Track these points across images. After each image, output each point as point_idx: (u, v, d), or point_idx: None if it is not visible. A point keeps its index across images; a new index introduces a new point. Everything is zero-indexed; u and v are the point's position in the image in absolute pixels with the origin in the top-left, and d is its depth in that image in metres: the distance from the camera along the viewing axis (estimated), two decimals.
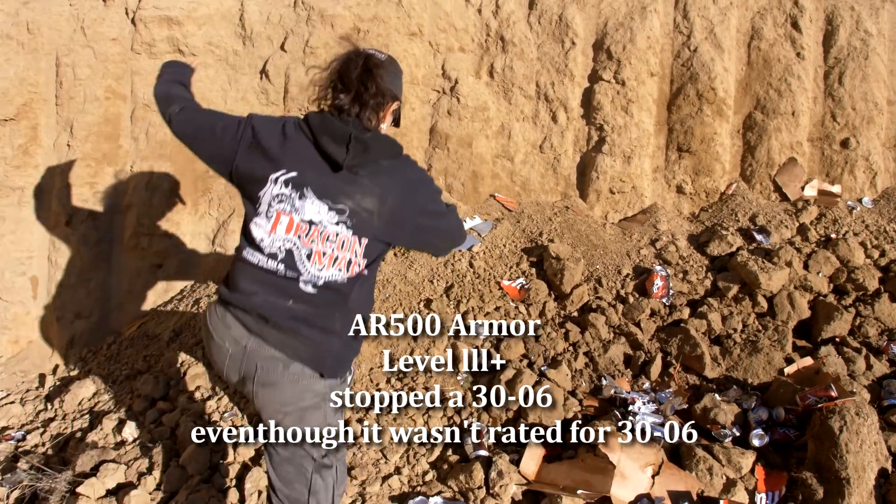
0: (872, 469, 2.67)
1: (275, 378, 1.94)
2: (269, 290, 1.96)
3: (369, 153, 1.97)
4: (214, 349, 2.04)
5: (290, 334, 1.94)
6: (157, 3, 3.87)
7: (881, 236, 4.22)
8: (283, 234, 1.95)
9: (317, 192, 1.95)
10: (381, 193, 1.98)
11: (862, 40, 4.64)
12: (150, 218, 3.86)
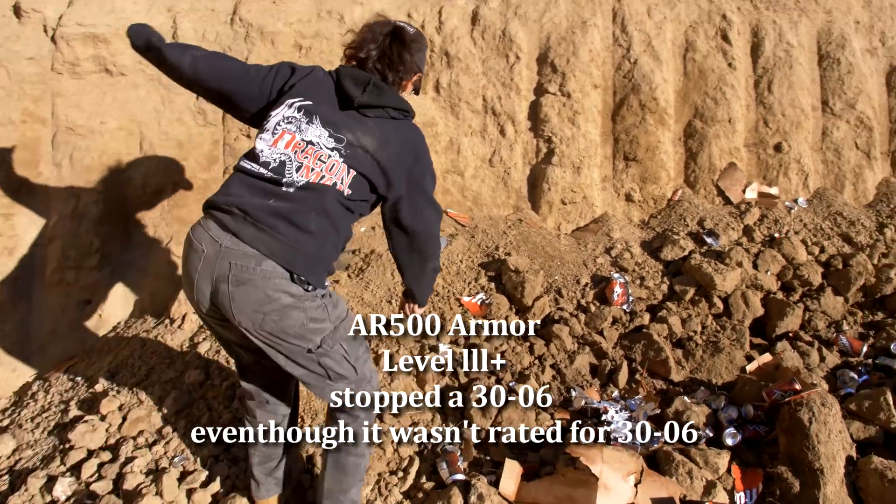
0: (841, 457, 2.76)
1: (248, 276, 1.95)
2: (252, 191, 2.05)
3: (382, 98, 2.14)
4: (191, 257, 2.04)
5: (265, 230, 1.98)
6: (79, 19, 3.68)
7: (819, 233, 4.46)
8: (282, 148, 2.08)
9: (323, 119, 2.11)
10: (382, 138, 2.13)
11: (785, 51, 4.93)
12: (76, 250, 3.60)
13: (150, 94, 3.81)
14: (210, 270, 1.98)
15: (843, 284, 4.01)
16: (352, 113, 2.13)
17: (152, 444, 2.75)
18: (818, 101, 5.05)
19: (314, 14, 4.12)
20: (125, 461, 2.63)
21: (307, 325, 2.03)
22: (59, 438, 2.85)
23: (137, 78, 3.78)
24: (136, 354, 3.29)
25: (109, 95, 3.71)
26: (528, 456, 2.89)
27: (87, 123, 3.65)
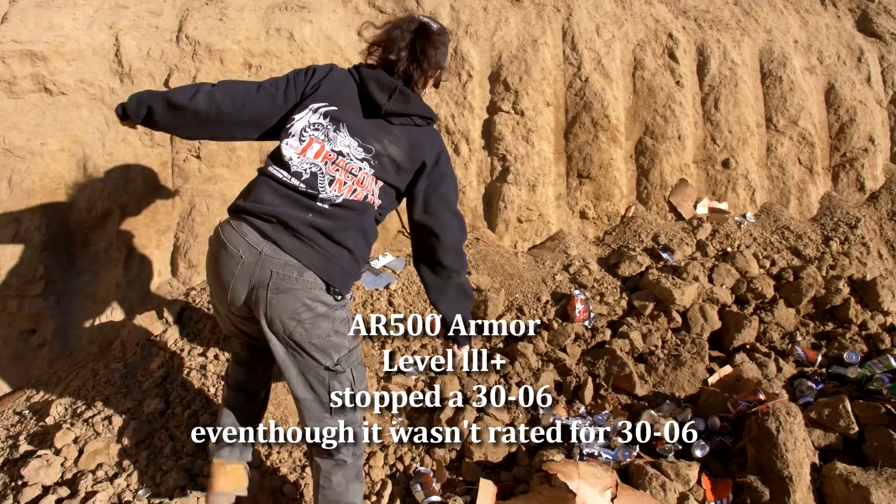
0: (806, 465, 2.89)
1: (289, 285, 2.07)
2: (288, 203, 2.14)
3: (409, 107, 2.25)
4: (225, 261, 2.12)
5: (306, 243, 2.10)
6: (16, 36, 3.57)
7: (768, 247, 4.66)
8: (312, 157, 2.17)
9: (351, 128, 2.20)
10: (409, 146, 2.25)
11: (730, 69, 5.16)
12: (18, 277, 3.47)
13: (92, 114, 3.72)
14: (248, 276, 2.09)
15: (794, 296, 4.20)
16: (378, 121, 2.24)
17: (113, 478, 2.67)
18: (762, 118, 5.29)
19: (263, 32, 4.11)
20: (86, 496, 2.55)
21: (331, 336, 2.15)
22: (10, 475, 2.72)
23: (79, 97, 3.69)
24: (89, 385, 3.19)
25: (49, 115, 3.61)
26: (501, 475, 2.93)
27: (26, 145, 3.53)
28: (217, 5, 4.08)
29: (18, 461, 2.79)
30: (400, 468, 2.95)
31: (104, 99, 3.75)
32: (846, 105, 5.47)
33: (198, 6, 4.06)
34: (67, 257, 3.64)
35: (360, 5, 4.54)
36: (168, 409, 3.02)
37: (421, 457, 3.02)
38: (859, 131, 5.41)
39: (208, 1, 4.11)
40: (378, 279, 3.88)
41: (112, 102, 3.74)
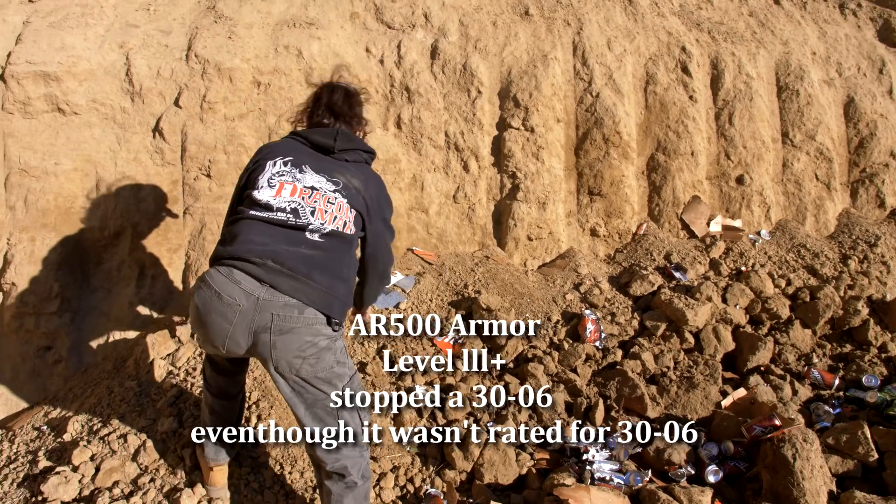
0: (823, 493, 2.92)
1: (292, 324, 2.20)
2: (279, 240, 2.29)
3: (354, 143, 2.55)
4: (220, 309, 2.21)
5: (302, 280, 2.24)
6: (29, 57, 3.72)
7: (784, 266, 4.70)
8: (289, 196, 2.36)
9: (313, 168, 2.43)
10: (364, 179, 2.52)
11: (745, 83, 5.23)
12: (35, 295, 3.62)
13: (104, 134, 3.86)
14: (247, 322, 2.21)
15: (811, 317, 4.24)
16: (332, 160, 2.50)
17: (129, 496, 2.77)
18: (778, 133, 5.35)
19: (272, 49, 4.24)
20: None
21: (335, 368, 2.30)
22: (31, 490, 2.85)
23: (91, 117, 3.83)
24: (104, 402, 3.31)
25: (63, 135, 3.75)
26: (512, 497, 2.99)
27: (40, 164, 3.68)
28: (226, 23, 4.21)
29: (38, 477, 2.92)
30: (411, 490, 3.03)
31: (115, 118, 3.89)
32: (866, 119, 5.51)
33: (207, 24, 4.20)
34: (82, 275, 3.78)
35: (369, 21, 4.65)
36: (181, 427, 3.13)
37: (431, 479, 3.09)
38: (880, 146, 5.44)
39: (217, 19, 4.24)
40: (388, 298, 3.97)
41: (123, 122, 3.90)
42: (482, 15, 4.91)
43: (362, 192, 2.47)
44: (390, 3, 4.72)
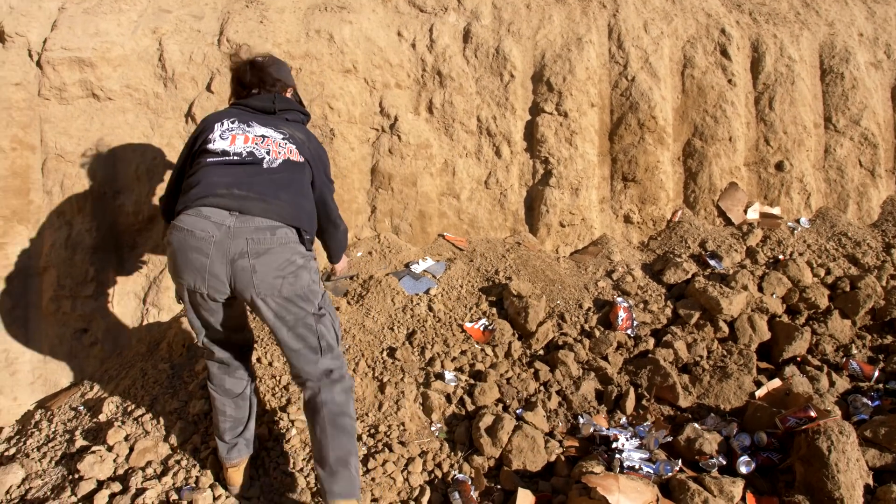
0: (859, 486, 2.87)
1: (266, 246, 2.37)
2: (239, 173, 2.51)
3: (290, 104, 2.87)
4: (195, 244, 2.36)
5: (270, 200, 2.45)
6: (65, 43, 3.79)
7: (823, 255, 4.62)
8: (242, 143, 2.60)
9: (260, 123, 2.70)
10: (306, 134, 2.81)
11: (787, 66, 5.12)
12: (71, 278, 3.72)
13: (138, 119, 3.92)
14: (223, 252, 2.35)
15: (850, 307, 4.17)
16: (274, 118, 2.78)
17: (161, 475, 2.86)
18: (821, 118, 5.24)
19: (303, 34, 4.26)
20: (136, 493, 2.75)
21: (312, 285, 2.50)
22: (68, 468, 2.97)
23: (125, 102, 3.89)
24: (139, 384, 3.41)
25: (98, 121, 3.83)
26: (540, 484, 3.00)
27: (76, 150, 3.76)
28: (257, 7, 4.24)
29: (75, 455, 3.04)
30: (438, 475, 3.05)
31: (149, 103, 3.95)
32: None
33: (238, 8, 4.23)
34: (117, 259, 3.87)
35: (401, 4, 4.65)
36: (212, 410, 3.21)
37: (459, 464, 3.12)
38: None
39: (249, 3, 4.27)
40: (418, 283, 4.00)
41: (156, 107, 3.95)
42: None
43: (306, 143, 2.76)
44: None
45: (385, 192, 4.39)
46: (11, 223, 3.68)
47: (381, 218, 4.40)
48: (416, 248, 4.39)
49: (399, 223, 4.43)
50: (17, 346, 3.70)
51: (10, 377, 3.66)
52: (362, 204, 4.38)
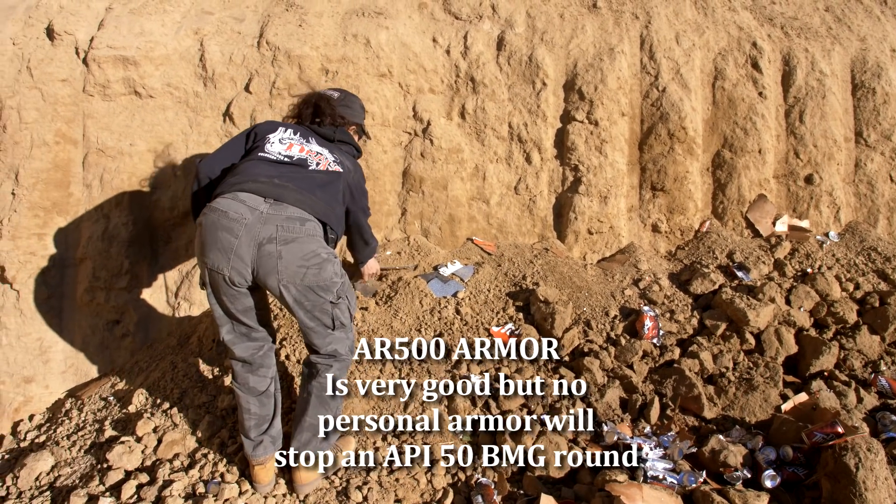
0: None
1: (295, 234, 2.49)
2: (283, 169, 2.71)
3: (348, 138, 3.16)
4: (226, 224, 2.46)
5: (306, 194, 2.61)
6: (110, 42, 3.86)
7: (852, 269, 4.56)
8: (297, 152, 2.84)
9: (318, 141, 2.99)
10: (354, 166, 3.06)
11: (818, 80, 5.07)
12: (106, 270, 3.77)
13: (177, 117, 3.98)
14: (253, 235, 2.45)
15: (879, 323, 4.10)
16: (330, 145, 3.03)
17: (188, 468, 2.88)
18: (851, 132, 5.18)
19: (340, 38, 4.30)
20: (163, 484, 2.77)
21: (334, 278, 2.62)
22: (97, 458, 3.00)
23: (165, 100, 3.95)
24: (168, 377, 3.44)
25: (138, 117, 3.89)
26: (563, 491, 2.98)
27: (116, 145, 3.82)
28: (297, 11, 4.29)
29: (104, 445, 3.07)
30: (462, 478, 3.04)
31: (188, 102, 4.00)
32: None
33: (278, 12, 4.28)
34: (151, 253, 3.92)
35: (436, 11, 4.67)
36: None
37: (483, 468, 3.12)
38: None
39: (288, 7, 4.31)
40: (446, 287, 4.01)
41: (195, 105, 4.00)
42: (549, 7, 4.88)
43: (352, 172, 2.99)
44: None
45: (416, 194, 4.41)
46: (51, 214, 3.75)
47: (411, 220, 4.41)
48: (444, 251, 4.40)
49: (429, 226, 4.44)
50: (51, 335, 3.76)
51: (42, 365, 3.72)
52: (393, 206, 4.40)
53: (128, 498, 2.76)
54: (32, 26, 3.85)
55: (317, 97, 3.18)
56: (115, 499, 2.74)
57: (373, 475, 2.93)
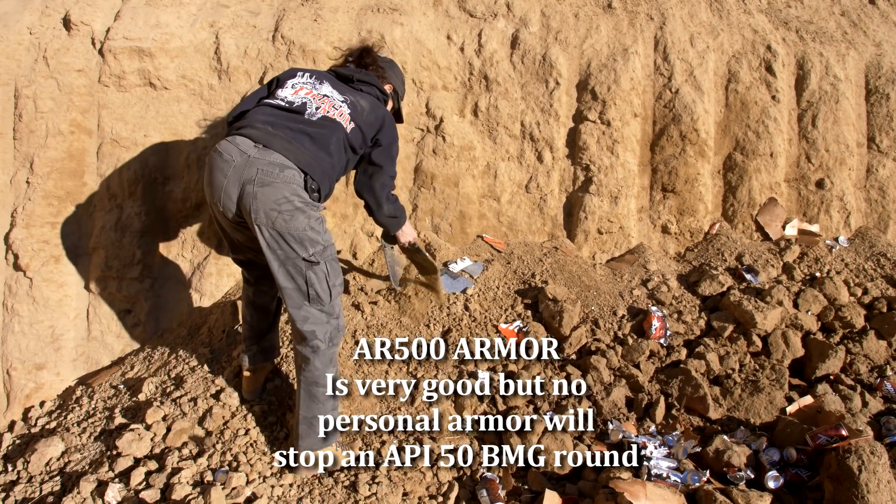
0: None
1: (271, 179, 2.58)
2: (279, 117, 2.78)
3: (371, 79, 3.12)
4: (219, 165, 2.64)
5: (294, 142, 2.68)
6: (126, 33, 3.89)
7: (861, 274, 4.55)
8: (304, 95, 2.88)
9: (331, 84, 2.98)
10: (373, 105, 3.03)
11: (832, 85, 5.05)
12: (119, 260, 3.81)
13: (192, 109, 4.01)
14: (238, 175, 2.60)
15: (887, 328, 4.09)
16: (350, 86, 3.04)
17: (196, 457, 2.91)
18: (864, 138, 5.16)
19: (355, 33, 4.31)
20: (172, 471, 2.80)
21: (308, 231, 2.62)
22: (106, 444, 3.03)
23: (180, 92, 3.98)
24: (178, 367, 3.47)
25: (153, 109, 3.92)
26: (567, 487, 3.01)
27: (130, 136, 3.85)
28: (312, 6, 4.31)
29: (113, 432, 3.10)
30: (467, 472, 3.07)
31: (202, 94, 4.03)
32: None
33: (294, 6, 4.30)
34: (163, 244, 3.97)
35: (451, 8, 4.68)
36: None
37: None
38: None
39: (304, 1, 4.33)
40: (455, 283, 4.02)
41: (210, 98, 4.03)
42: (564, 6, 4.88)
43: (366, 111, 2.96)
44: None
45: (427, 191, 4.42)
46: (65, 203, 3.79)
47: (421, 216, 4.43)
48: (454, 247, 4.41)
49: (439, 222, 4.45)
50: (62, 322, 3.80)
51: (54, 353, 3.76)
52: (404, 202, 4.41)
53: (137, 484, 2.79)
54: (49, 16, 3.88)
55: (363, 48, 3.25)
56: (123, 485, 2.77)
57: (381, 469, 2.95)
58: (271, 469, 2.93)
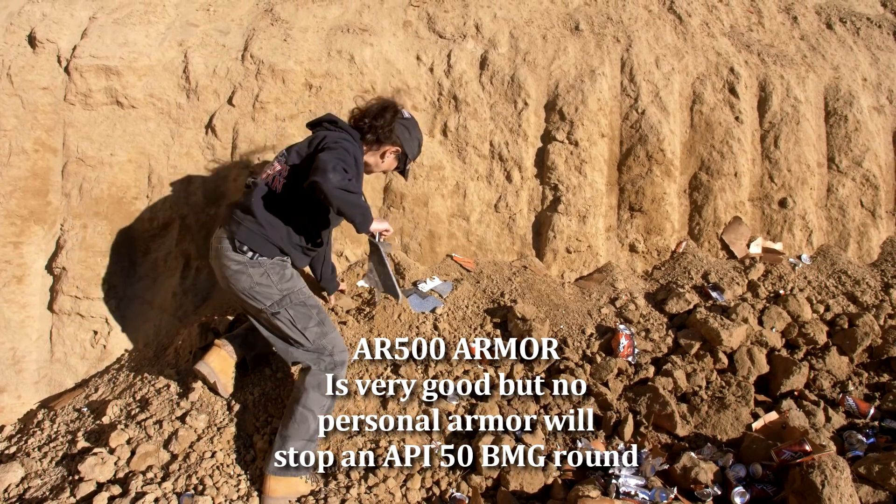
0: None
1: (215, 254, 3.02)
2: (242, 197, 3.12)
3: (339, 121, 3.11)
4: None
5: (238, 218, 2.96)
6: (94, 51, 3.86)
7: (823, 291, 4.64)
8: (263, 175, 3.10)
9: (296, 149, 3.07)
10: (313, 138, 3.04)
11: (793, 106, 5.18)
12: (84, 280, 3.75)
13: (159, 128, 3.98)
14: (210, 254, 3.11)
15: (848, 344, 4.18)
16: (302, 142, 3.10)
17: (162, 480, 2.86)
18: (824, 158, 5.28)
19: (324, 53, 4.32)
20: (136, 496, 2.74)
21: (254, 287, 2.92)
22: (68, 469, 2.96)
23: (148, 111, 3.95)
24: (143, 389, 3.40)
25: (120, 127, 3.88)
26: None
27: (97, 155, 3.81)
28: (282, 26, 4.31)
29: (76, 456, 3.03)
30: (436, 492, 3.06)
31: (171, 113, 4.00)
32: None
33: (263, 26, 4.30)
34: (129, 264, 3.91)
35: (421, 29, 4.72)
36: (214, 423, 3.22)
37: (458, 482, 3.12)
38: None
39: (274, 21, 4.34)
40: (424, 302, 4.02)
41: (178, 117, 4.01)
42: (533, 28, 4.95)
43: (303, 143, 3.06)
44: (443, 13, 4.79)
45: (397, 210, 4.42)
46: (28, 223, 3.73)
47: (391, 237, 4.42)
48: (424, 266, 4.42)
49: (409, 242, 4.46)
50: (24, 344, 3.73)
51: (15, 375, 3.68)
52: None
53: None
54: (14, 33, 3.84)
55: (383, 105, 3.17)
56: None
57: (352, 491, 2.93)
58: (238, 492, 2.89)
